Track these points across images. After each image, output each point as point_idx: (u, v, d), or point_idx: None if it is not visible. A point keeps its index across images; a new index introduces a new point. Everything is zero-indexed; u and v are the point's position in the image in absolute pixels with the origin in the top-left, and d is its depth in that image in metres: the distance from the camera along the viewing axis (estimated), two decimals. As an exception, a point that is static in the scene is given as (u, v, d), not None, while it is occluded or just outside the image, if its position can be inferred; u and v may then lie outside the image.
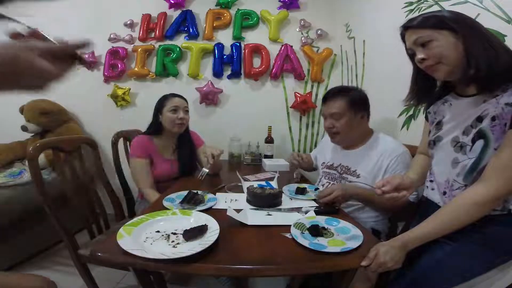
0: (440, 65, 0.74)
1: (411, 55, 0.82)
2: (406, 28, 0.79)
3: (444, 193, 0.81)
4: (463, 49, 0.71)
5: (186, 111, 1.54)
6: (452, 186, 0.78)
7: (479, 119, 0.72)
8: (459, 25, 0.71)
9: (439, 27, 0.73)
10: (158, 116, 1.52)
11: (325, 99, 1.29)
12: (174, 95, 1.54)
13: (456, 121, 0.79)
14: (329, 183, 1.34)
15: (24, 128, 2.00)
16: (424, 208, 0.92)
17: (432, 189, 0.87)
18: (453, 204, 0.72)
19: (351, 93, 1.26)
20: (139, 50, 2.16)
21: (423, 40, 0.75)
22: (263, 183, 1.36)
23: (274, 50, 2.15)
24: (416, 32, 0.76)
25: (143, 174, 1.42)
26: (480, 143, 0.72)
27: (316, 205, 1.08)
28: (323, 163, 1.42)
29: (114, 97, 2.22)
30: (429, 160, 0.96)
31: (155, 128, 1.52)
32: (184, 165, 1.55)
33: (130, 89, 2.24)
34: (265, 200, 1.06)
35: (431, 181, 0.88)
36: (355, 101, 1.23)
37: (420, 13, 0.89)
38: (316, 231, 0.82)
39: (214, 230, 0.79)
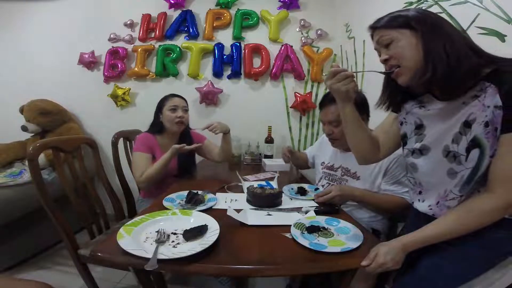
0: (402, 68, 0.71)
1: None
2: (374, 28, 0.77)
3: (437, 203, 0.77)
4: (422, 50, 0.68)
5: (186, 111, 1.61)
6: (447, 196, 0.75)
7: (467, 124, 0.68)
8: (420, 24, 0.68)
9: (402, 27, 0.70)
10: (159, 115, 1.58)
11: (322, 105, 1.27)
12: (173, 95, 1.61)
13: (441, 129, 0.74)
14: (329, 183, 1.34)
15: (24, 128, 2.00)
16: (413, 217, 0.89)
17: (421, 201, 0.83)
18: (460, 211, 0.69)
19: None
20: (139, 50, 2.16)
21: (384, 40, 0.72)
22: (263, 183, 1.36)
23: (274, 50, 2.15)
24: (380, 32, 0.74)
25: (143, 165, 1.45)
26: (475, 152, 0.67)
27: (316, 205, 1.08)
28: (323, 163, 1.42)
29: (114, 97, 2.23)
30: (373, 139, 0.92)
31: (157, 127, 1.59)
32: (182, 162, 1.59)
33: (130, 89, 2.24)
34: (265, 200, 1.06)
35: (419, 192, 0.84)
36: None
37: None
38: (313, 228, 0.82)
39: (214, 230, 0.79)
